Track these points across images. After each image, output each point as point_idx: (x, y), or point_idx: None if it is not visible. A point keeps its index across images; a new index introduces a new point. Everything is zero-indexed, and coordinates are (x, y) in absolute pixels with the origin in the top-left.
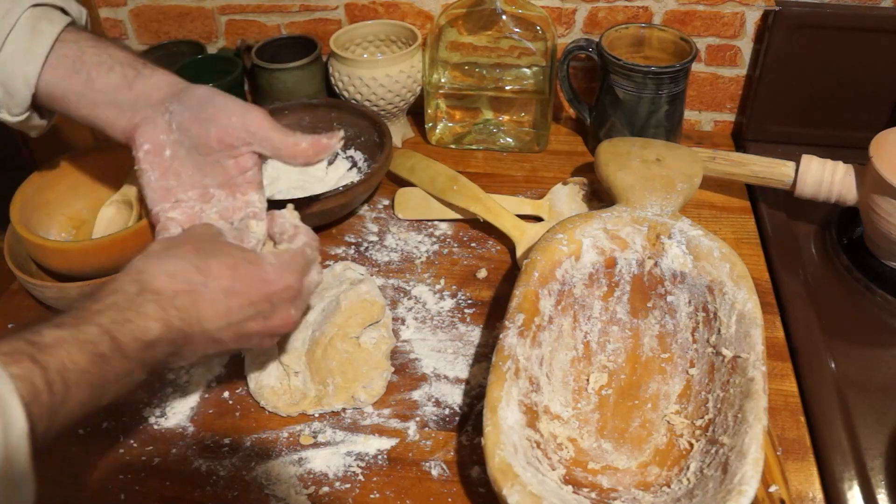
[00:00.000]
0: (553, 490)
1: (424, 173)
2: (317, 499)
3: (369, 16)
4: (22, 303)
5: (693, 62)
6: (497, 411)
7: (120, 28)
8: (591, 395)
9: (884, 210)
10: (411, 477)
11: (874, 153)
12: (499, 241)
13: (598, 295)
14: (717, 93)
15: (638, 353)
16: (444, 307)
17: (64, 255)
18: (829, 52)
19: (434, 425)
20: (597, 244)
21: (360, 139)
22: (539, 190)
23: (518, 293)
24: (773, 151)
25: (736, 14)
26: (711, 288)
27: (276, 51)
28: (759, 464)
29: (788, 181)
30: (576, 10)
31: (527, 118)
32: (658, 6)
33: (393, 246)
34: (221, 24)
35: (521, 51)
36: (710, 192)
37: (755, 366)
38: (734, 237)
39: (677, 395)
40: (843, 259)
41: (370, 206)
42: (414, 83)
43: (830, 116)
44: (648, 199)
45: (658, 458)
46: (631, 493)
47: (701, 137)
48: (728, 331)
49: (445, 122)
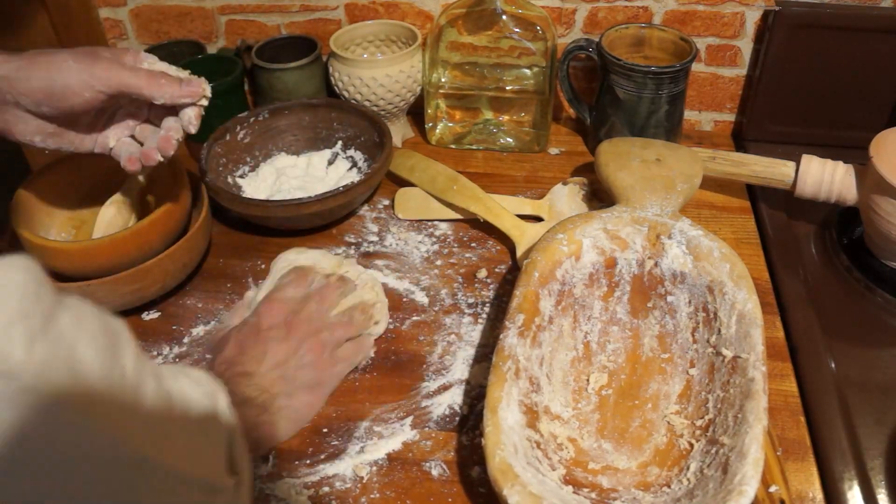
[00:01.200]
0: (553, 490)
1: (424, 173)
2: (317, 499)
3: (369, 16)
4: None
5: (693, 62)
6: (497, 411)
7: (120, 28)
8: (591, 395)
9: (884, 210)
10: (411, 477)
11: (874, 153)
12: (499, 241)
13: (598, 295)
14: (717, 93)
15: (638, 353)
16: (443, 307)
17: (64, 255)
18: (829, 52)
19: (434, 425)
20: (597, 244)
21: (360, 139)
22: (539, 190)
23: (518, 293)
24: (773, 151)
25: (736, 14)
26: (711, 288)
27: (276, 51)
28: (760, 464)
29: (788, 181)
30: (576, 10)
31: (527, 118)
32: (658, 6)
33: (393, 246)
34: (221, 24)
35: (521, 51)
36: (710, 192)
37: (755, 366)
38: (734, 237)
39: (677, 396)
40: (843, 259)
41: (370, 206)
42: (413, 83)
43: (830, 116)
44: (648, 200)
45: (658, 458)
46: (631, 494)
47: (701, 137)
48: (728, 331)
49: (445, 122)
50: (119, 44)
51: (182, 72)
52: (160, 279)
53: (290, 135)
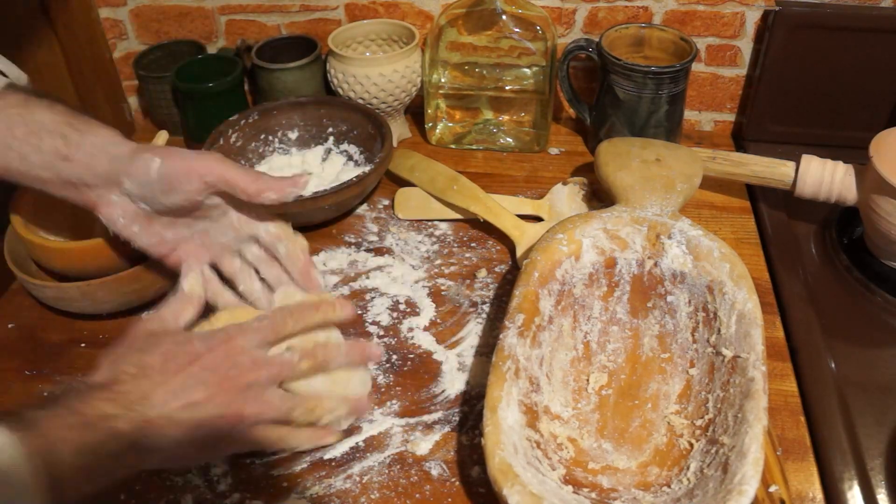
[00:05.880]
0: (553, 490)
1: (424, 173)
2: (317, 499)
3: (369, 16)
4: (22, 303)
5: (693, 62)
6: (497, 411)
7: (120, 28)
8: (591, 395)
9: (884, 210)
10: (411, 477)
11: (874, 153)
12: (499, 241)
13: (598, 295)
14: (717, 93)
15: (638, 353)
16: (443, 307)
17: (64, 255)
18: (829, 52)
19: (434, 425)
20: (597, 244)
21: (353, 133)
22: (539, 190)
23: (518, 293)
24: (773, 151)
25: (736, 14)
26: (711, 288)
27: (276, 51)
28: (759, 464)
29: (788, 181)
30: (576, 10)
31: (527, 118)
32: (658, 6)
33: (393, 246)
34: (221, 24)
35: (521, 51)
36: (710, 192)
37: (755, 366)
38: (734, 237)
39: (677, 395)
40: (843, 259)
41: (370, 206)
42: (409, 83)
43: (830, 116)
44: (648, 199)
45: (658, 458)
46: (631, 493)
47: (701, 137)
48: (728, 331)
49: (445, 122)
50: (119, 44)
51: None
52: (160, 279)
53: (282, 134)
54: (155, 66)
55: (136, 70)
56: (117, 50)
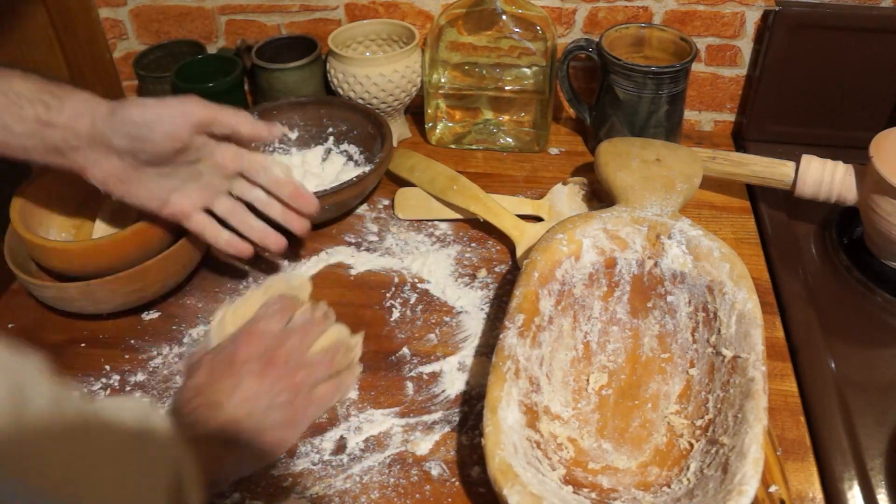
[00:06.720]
0: (553, 490)
1: (424, 173)
2: (317, 499)
3: (369, 16)
4: (22, 303)
5: (693, 62)
6: (497, 411)
7: (120, 28)
8: (591, 395)
9: (884, 210)
10: (411, 477)
11: (874, 153)
12: (499, 241)
13: (598, 295)
14: (717, 93)
15: (638, 353)
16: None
17: (64, 255)
18: (829, 52)
19: (434, 425)
20: (597, 244)
21: (353, 132)
22: (539, 190)
23: (518, 293)
24: (773, 151)
25: (736, 14)
26: (711, 288)
27: (276, 51)
28: (759, 464)
29: (788, 181)
30: (576, 10)
31: (527, 118)
32: (658, 6)
33: (393, 246)
34: (221, 23)
35: (521, 51)
36: (710, 192)
37: (755, 366)
38: (734, 237)
39: (677, 395)
40: (843, 259)
41: (370, 206)
42: (409, 83)
43: (830, 116)
44: (648, 199)
45: (658, 458)
46: (631, 494)
47: (701, 137)
48: (728, 331)
49: (445, 122)
50: (119, 44)
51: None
52: (160, 279)
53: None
54: (155, 66)
55: (137, 70)
56: (117, 50)
